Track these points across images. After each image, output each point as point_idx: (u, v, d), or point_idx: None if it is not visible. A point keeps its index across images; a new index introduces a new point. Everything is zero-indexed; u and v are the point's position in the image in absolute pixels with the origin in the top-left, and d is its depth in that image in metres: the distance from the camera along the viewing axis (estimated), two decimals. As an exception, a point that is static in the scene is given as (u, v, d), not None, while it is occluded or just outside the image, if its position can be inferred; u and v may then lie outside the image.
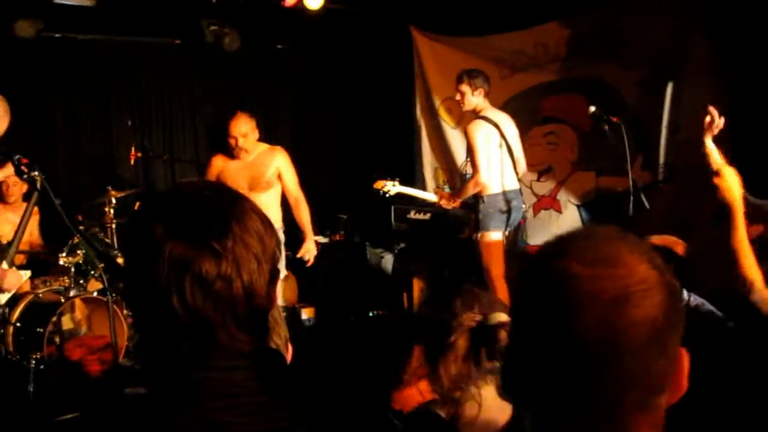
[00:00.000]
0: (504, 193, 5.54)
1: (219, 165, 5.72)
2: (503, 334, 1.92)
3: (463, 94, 5.60)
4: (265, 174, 5.61)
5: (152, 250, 1.08)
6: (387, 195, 5.83)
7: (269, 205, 5.47)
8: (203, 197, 1.15)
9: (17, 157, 3.40)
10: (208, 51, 7.43)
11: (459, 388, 1.91)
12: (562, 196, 6.80)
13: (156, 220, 1.11)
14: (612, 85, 6.29)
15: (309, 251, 5.75)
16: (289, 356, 1.78)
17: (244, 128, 5.59)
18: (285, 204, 5.79)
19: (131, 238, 1.16)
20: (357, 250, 7.18)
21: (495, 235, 5.51)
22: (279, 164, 5.69)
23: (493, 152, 5.47)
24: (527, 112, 6.83)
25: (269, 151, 5.78)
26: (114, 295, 3.88)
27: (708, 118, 3.51)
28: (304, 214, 5.75)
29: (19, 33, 6.39)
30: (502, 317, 1.95)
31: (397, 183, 5.76)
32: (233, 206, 1.14)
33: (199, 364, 1.10)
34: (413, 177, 7.78)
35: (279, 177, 5.68)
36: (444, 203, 5.68)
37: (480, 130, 5.45)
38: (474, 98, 5.59)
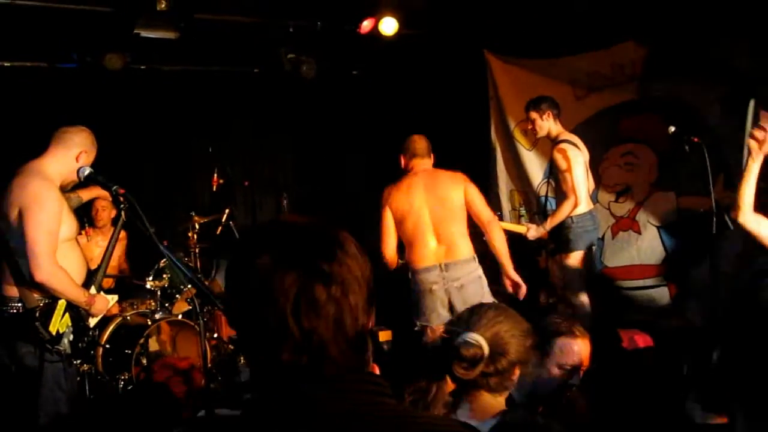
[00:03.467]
0: (590, 212, 5.54)
1: None
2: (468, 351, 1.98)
3: (533, 121, 5.67)
4: None
5: (264, 277, 1.16)
6: None
7: None
8: (304, 227, 1.24)
9: (114, 187, 3.56)
10: (286, 79, 7.59)
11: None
12: (642, 217, 6.69)
13: (264, 249, 1.19)
14: (691, 104, 6.18)
15: None
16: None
17: None
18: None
19: (240, 268, 1.22)
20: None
21: (579, 254, 5.51)
22: None
23: (580, 174, 5.46)
24: (604, 133, 6.78)
25: None
26: (204, 319, 3.99)
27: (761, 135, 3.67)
28: None
29: (108, 66, 6.65)
30: (471, 337, 2.00)
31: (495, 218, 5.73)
32: (333, 234, 1.22)
33: (315, 379, 1.16)
34: (488, 200, 7.76)
35: None
36: (532, 234, 5.64)
37: (570, 153, 5.45)
38: (545, 122, 5.62)
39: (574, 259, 5.50)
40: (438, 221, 4.99)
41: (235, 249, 1.29)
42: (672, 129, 4.94)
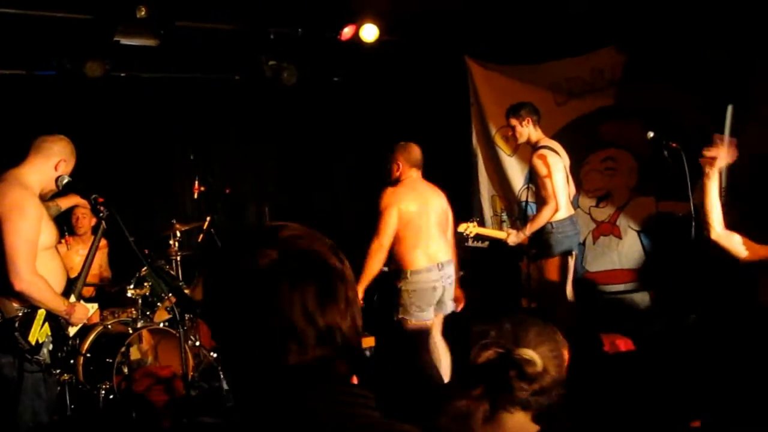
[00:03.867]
0: (570, 217, 5.57)
1: None
2: (530, 369, 1.95)
3: (513, 128, 5.70)
4: None
5: (271, 278, 1.13)
6: (468, 237, 5.85)
7: None
8: (301, 229, 1.22)
9: (93, 196, 3.55)
10: (266, 86, 7.58)
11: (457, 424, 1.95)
12: (622, 222, 6.73)
13: (267, 250, 1.16)
14: (670, 110, 6.22)
15: None
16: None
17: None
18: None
19: (238, 269, 1.18)
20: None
21: (561, 259, 5.53)
22: None
23: (559, 179, 5.49)
24: (584, 138, 6.82)
25: None
26: (184, 327, 3.97)
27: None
28: None
29: (89, 73, 6.62)
30: (527, 353, 1.97)
31: (475, 224, 5.77)
32: (322, 238, 1.22)
33: (292, 395, 1.14)
34: (471, 205, 7.79)
35: None
36: (512, 240, 5.66)
37: (550, 159, 5.48)
38: (525, 129, 5.65)
39: (555, 264, 5.53)
40: (438, 225, 5.32)
41: (228, 249, 1.25)
42: (651, 134, 4.98)
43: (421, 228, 5.21)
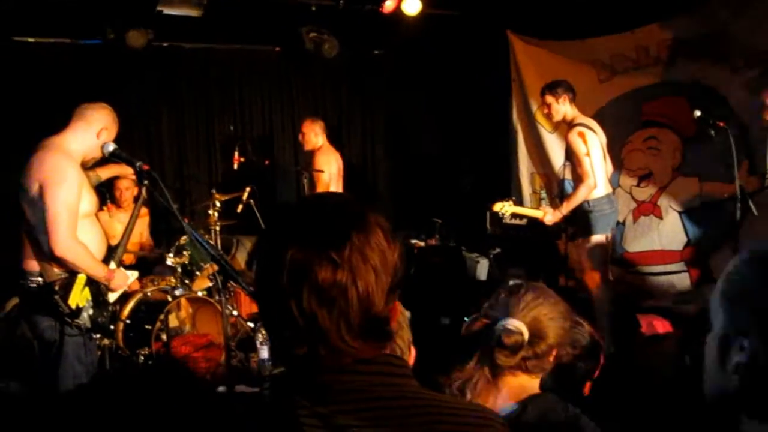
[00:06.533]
0: (608, 195, 5.50)
1: None
2: (511, 339, 1.97)
3: (549, 106, 5.61)
4: None
5: (275, 257, 1.15)
6: (504, 216, 5.79)
7: None
8: (326, 208, 1.21)
9: (139, 164, 3.58)
10: (307, 57, 7.58)
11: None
12: (663, 202, 6.63)
13: (280, 229, 1.19)
14: (717, 88, 6.10)
15: None
16: (411, 359, 1.84)
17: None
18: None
19: (260, 246, 1.24)
20: (452, 255, 7.16)
21: (599, 238, 5.46)
22: None
23: (597, 157, 5.42)
24: (627, 116, 6.72)
25: None
26: (226, 296, 4.01)
27: None
28: None
29: (131, 43, 6.67)
30: (511, 324, 1.98)
31: (511, 203, 5.70)
32: (356, 219, 1.18)
33: (323, 368, 1.15)
34: (509, 182, 7.74)
35: None
36: (549, 219, 5.59)
37: (588, 136, 5.41)
38: (561, 106, 5.57)
39: (593, 243, 5.46)
40: None
41: (262, 231, 1.28)
42: (697, 113, 4.90)
43: None
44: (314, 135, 6.80)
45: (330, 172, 6.68)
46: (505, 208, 5.63)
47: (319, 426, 1.12)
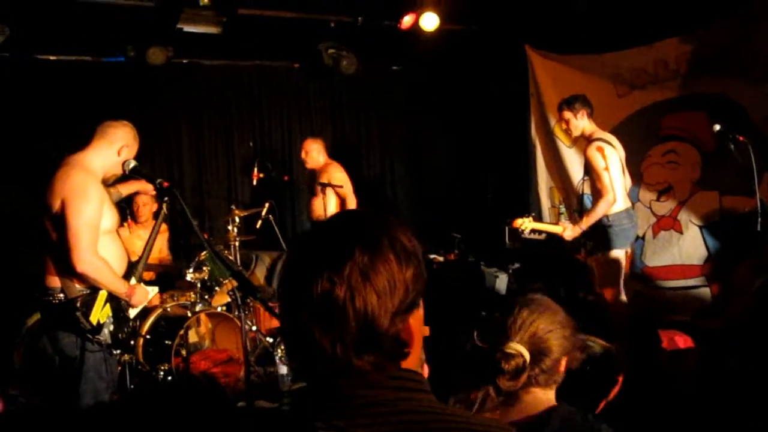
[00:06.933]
0: (627, 210, 5.48)
1: None
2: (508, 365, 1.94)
3: (567, 121, 5.61)
4: None
5: (287, 272, 1.21)
6: (523, 233, 5.78)
7: None
8: (338, 226, 1.25)
9: (159, 180, 3.61)
10: (326, 74, 7.62)
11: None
12: (683, 217, 6.59)
13: (296, 245, 1.25)
14: (737, 101, 6.06)
15: None
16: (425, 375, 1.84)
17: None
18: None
19: (284, 260, 1.30)
20: (471, 270, 7.14)
21: (618, 253, 5.44)
22: None
23: (616, 171, 5.40)
24: (646, 131, 6.69)
25: None
26: (245, 312, 4.02)
27: None
28: None
29: (151, 60, 6.74)
30: (510, 347, 1.96)
31: (531, 219, 5.69)
32: (365, 238, 1.19)
33: (340, 382, 1.17)
34: (528, 196, 7.72)
35: None
36: (569, 235, 5.58)
37: (607, 151, 5.39)
38: (579, 121, 5.56)
39: (612, 257, 5.44)
40: None
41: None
42: (717, 127, 4.87)
43: None
44: (317, 153, 6.85)
45: (347, 185, 6.70)
46: (525, 224, 5.62)
47: None
